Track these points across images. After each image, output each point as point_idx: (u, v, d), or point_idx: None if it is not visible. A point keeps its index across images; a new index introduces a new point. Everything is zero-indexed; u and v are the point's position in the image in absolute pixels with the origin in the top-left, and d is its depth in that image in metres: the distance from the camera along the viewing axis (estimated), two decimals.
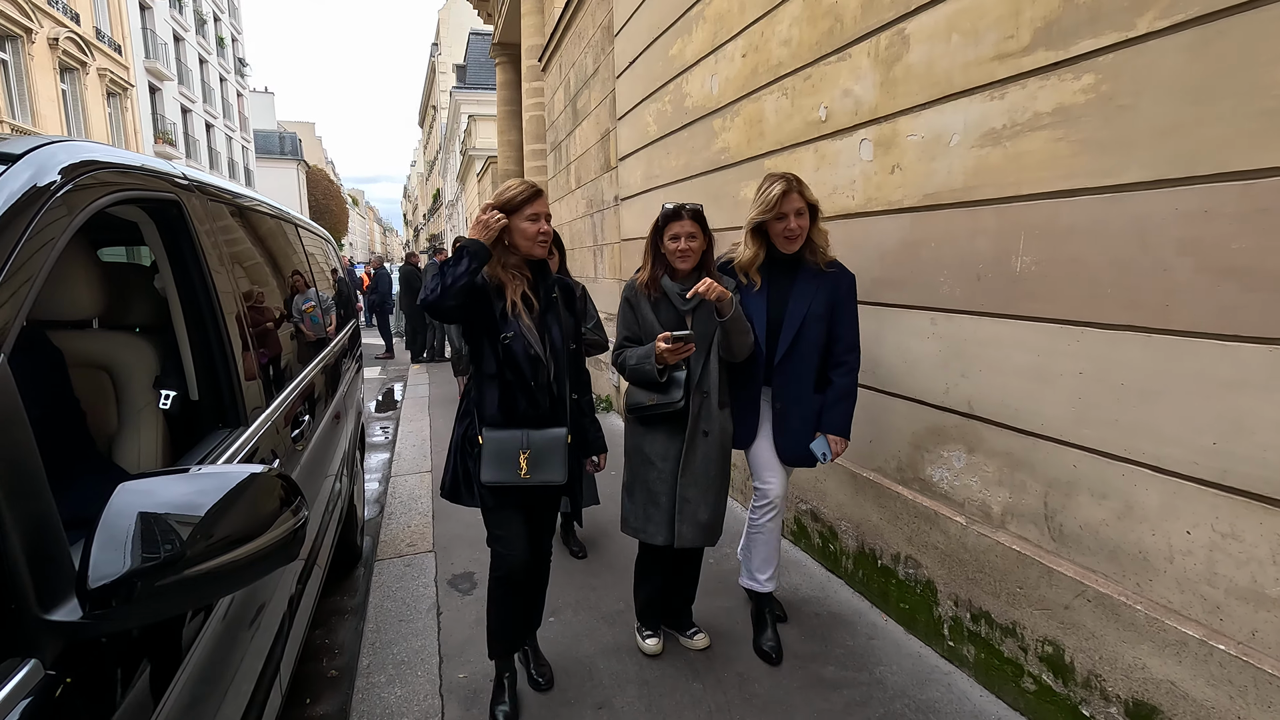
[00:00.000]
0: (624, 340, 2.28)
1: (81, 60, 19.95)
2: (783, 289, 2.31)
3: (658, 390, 2.16)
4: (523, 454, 1.94)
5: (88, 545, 0.82)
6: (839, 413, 2.29)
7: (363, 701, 2.23)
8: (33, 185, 1.01)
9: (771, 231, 2.25)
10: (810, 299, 2.26)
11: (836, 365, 2.31)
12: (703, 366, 2.19)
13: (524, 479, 1.94)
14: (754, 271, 2.31)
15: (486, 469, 1.95)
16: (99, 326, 1.74)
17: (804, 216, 2.21)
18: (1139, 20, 1.62)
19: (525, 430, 1.94)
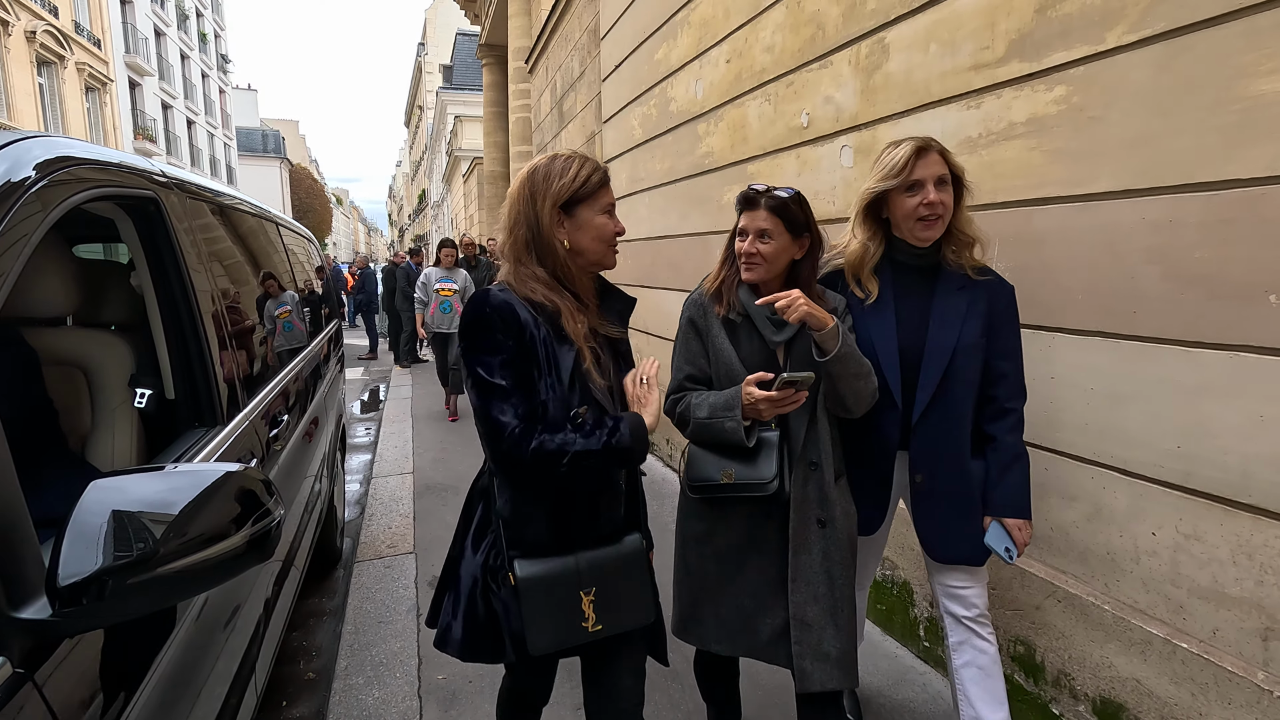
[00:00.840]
0: (686, 380, 1.64)
1: (59, 54, 19.63)
2: (917, 305, 1.63)
3: (738, 458, 1.51)
4: (586, 596, 1.27)
5: (58, 543, 0.81)
6: (1014, 485, 1.60)
7: (340, 704, 2.22)
8: (7, 181, 1.00)
9: (897, 212, 1.60)
10: (960, 320, 1.58)
11: (1000, 415, 1.62)
12: (806, 425, 1.55)
13: (592, 633, 1.28)
14: (868, 276, 1.65)
15: (536, 630, 1.25)
16: (73, 323, 1.73)
17: (947, 189, 1.55)
18: (1108, 34, 1.66)
19: (582, 554, 1.27)
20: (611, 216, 1.33)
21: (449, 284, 6.13)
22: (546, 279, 1.28)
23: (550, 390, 1.24)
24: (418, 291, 6.19)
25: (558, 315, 1.26)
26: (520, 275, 1.28)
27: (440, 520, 3.78)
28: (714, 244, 3.80)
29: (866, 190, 1.60)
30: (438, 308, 6.08)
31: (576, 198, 1.28)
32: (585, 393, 1.26)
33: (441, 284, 6.11)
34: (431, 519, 3.81)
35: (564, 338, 1.26)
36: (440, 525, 3.71)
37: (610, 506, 1.32)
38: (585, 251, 1.30)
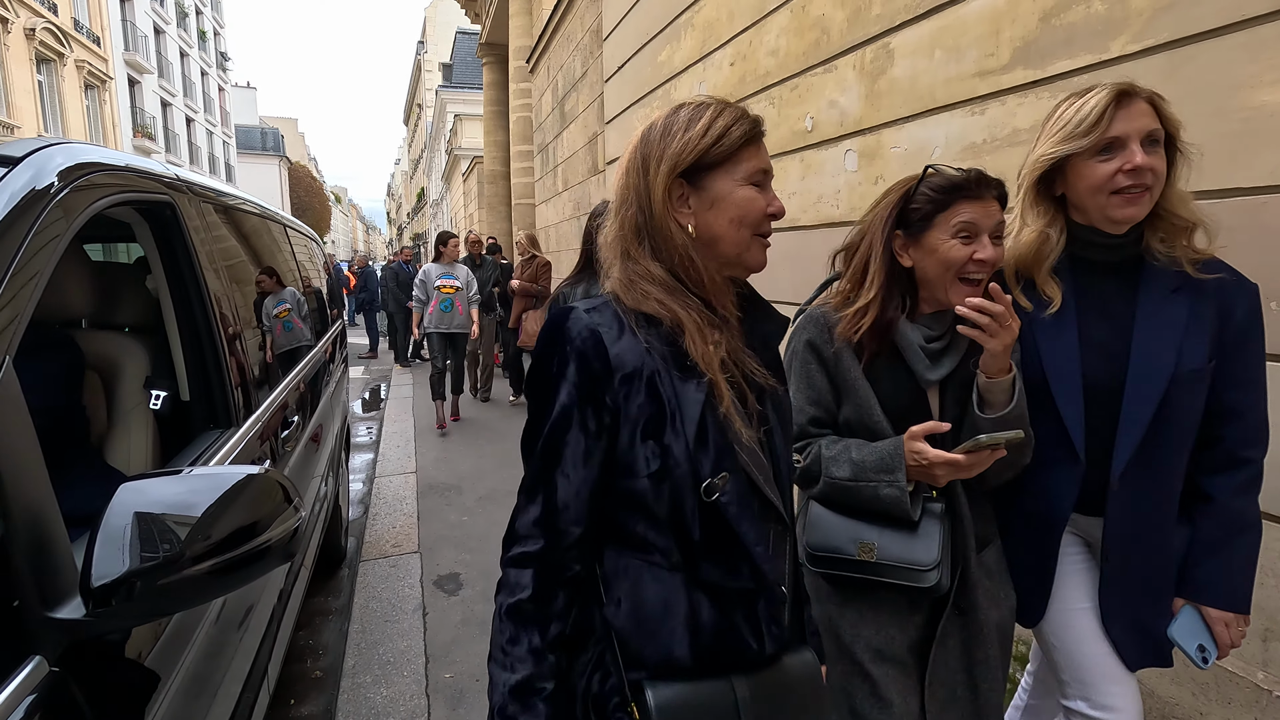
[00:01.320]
0: (810, 425, 1.25)
1: (59, 51, 19.60)
2: (1111, 316, 1.18)
3: (884, 527, 1.15)
4: None
5: (90, 543, 0.83)
6: (1235, 566, 1.17)
7: (349, 702, 2.24)
8: (31, 189, 1.02)
9: (1080, 186, 1.15)
10: (1179, 336, 1.13)
11: (1227, 467, 1.17)
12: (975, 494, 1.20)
13: None
14: (1046, 277, 1.20)
15: None
16: (88, 326, 1.75)
17: (1158, 152, 1.11)
18: (1112, 43, 1.68)
19: (737, 678, 0.86)
20: (763, 190, 0.88)
21: (450, 280, 5.79)
22: (665, 279, 0.87)
23: (664, 456, 0.83)
24: (416, 290, 5.84)
25: (678, 332, 0.85)
26: (630, 275, 0.88)
27: (444, 520, 3.80)
28: None
29: (1039, 158, 1.16)
30: (438, 306, 5.72)
31: (705, 162, 0.86)
32: (724, 451, 0.84)
33: (442, 280, 5.76)
34: (435, 518, 3.83)
35: (688, 367, 0.84)
36: (444, 524, 3.73)
37: (774, 614, 0.88)
38: (719, 240, 0.87)
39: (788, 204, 3.11)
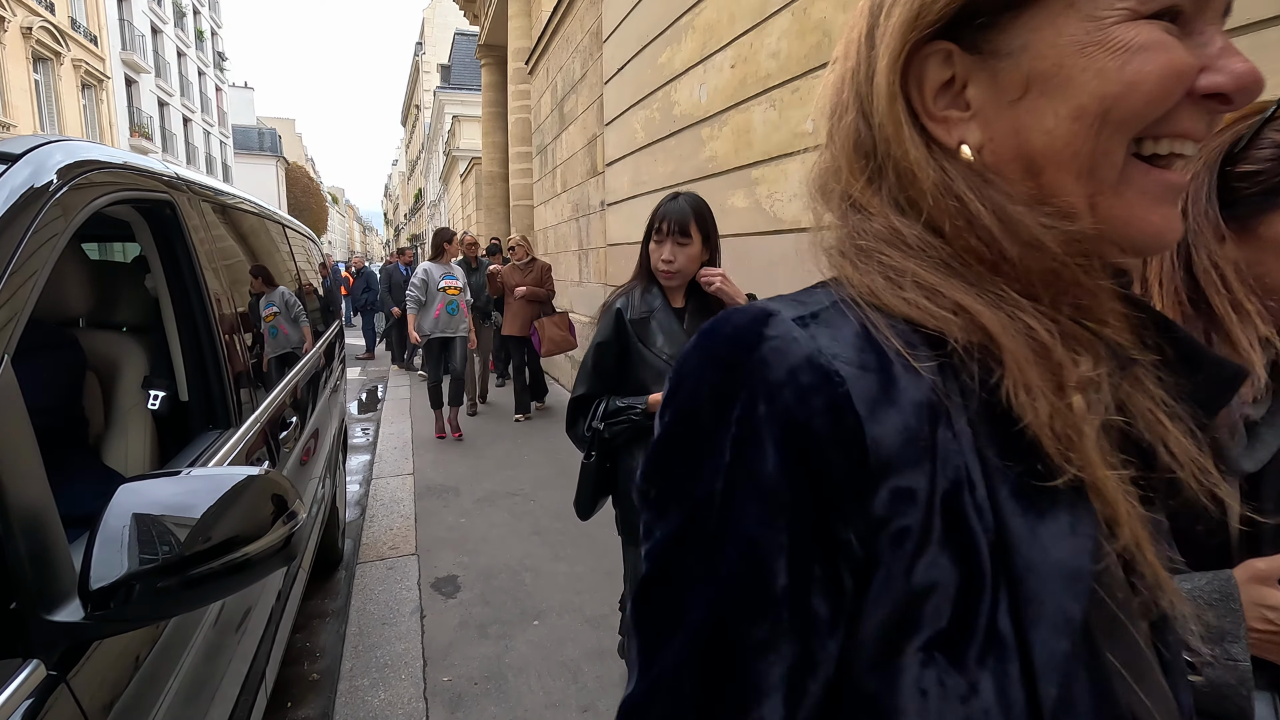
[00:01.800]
0: None
1: (56, 50, 19.54)
2: None
3: None
4: None
5: (89, 545, 0.82)
6: None
7: (346, 705, 2.22)
8: (30, 186, 1.01)
9: None
10: None
11: None
12: None
13: None
14: None
15: None
16: (86, 325, 1.73)
17: None
18: None
19: None
20: (1165, 49, 0.34)
21: (454, 281, 5.30)
22: (939, 250, 0.39)
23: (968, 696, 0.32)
24: (413, 291, 5.25)
25: (987, 362, 0.36)
26: (863, 251, 0.41)
27: (441, 522, 3.79)
28: None
29: None
30: (443, 309, 5.25)
31: None
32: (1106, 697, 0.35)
33: (446, 282, 5.27)
34: (433, 520, 3.81)
35: (1026, 449, 0.35)
36: (442, 527, 3.71)
37: None
38: (1057, 162, 0.37)
39: (789, 208, 3.11)
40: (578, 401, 1.80)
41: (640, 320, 1.73)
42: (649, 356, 1.71)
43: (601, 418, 1.72)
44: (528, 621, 2.70)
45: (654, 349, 1.70)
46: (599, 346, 1.76)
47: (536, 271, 5.90)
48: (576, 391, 1.79)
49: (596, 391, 1.77)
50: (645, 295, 1.76)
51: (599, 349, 1.76)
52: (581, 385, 1.78)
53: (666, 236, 1.72)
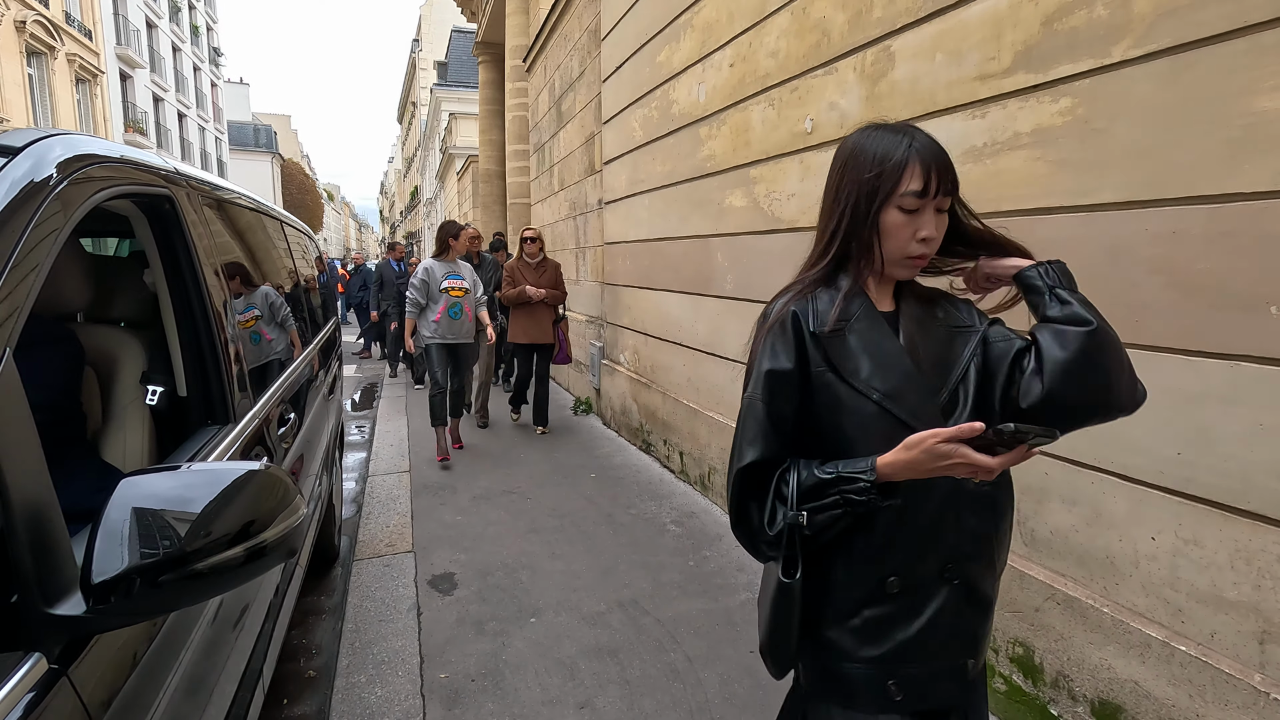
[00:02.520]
0: None
1: (50, 45, 19.41)
2: None
3: None
4: None
5: (91, 539, 0.82)
6: None
7: (343, 701, 2.22)
8: (30, 180, 1.00)
9: None
10: None
11: None
12: None
13: None
14: None
15: None
16: (84, 320, 1.73)
17: None
18: (1114, 48, 1.69)
19: None
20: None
21: (458, 281, 4.77)
22: None
23: None
24: (412, 292, 4.74)
25: None
26: None
27: (439, 520, 3.78)
28: (714, 246, 3.82)
29: None
30: (445, 312, 4.71)
31: None
32: None
33: (450, 281, 4.75)
34: (429, 518, 3.81)
35: None
36: (439, 524, 3.71)
37: None
38: None
39: (787, 206, 3.11)
40: (751, 474, 1.02)
41: (833, 336, 1.02)
42: (849, 395, 1.00)
43: (798, 500, 0.98)
44: (525, 619, 2.70)
45: (858, 381, 1.00)
46: (770, 380, 1.03)
47: (551, 271, 5.46)
48: (746, 458, 1.02)
49: (778, 455, 1.02)
50: (837, 296, 1.04)
51: (770, 384, 1.02)
52: (753, 446, 1.02)
53: (930, 197, 0.97)
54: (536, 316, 5.39)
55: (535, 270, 5.41)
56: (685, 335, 4.25)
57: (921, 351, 1.03)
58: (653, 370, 4.86)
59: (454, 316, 4.74)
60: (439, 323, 4.71)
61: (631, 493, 4.17)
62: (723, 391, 3.82)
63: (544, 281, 5.37)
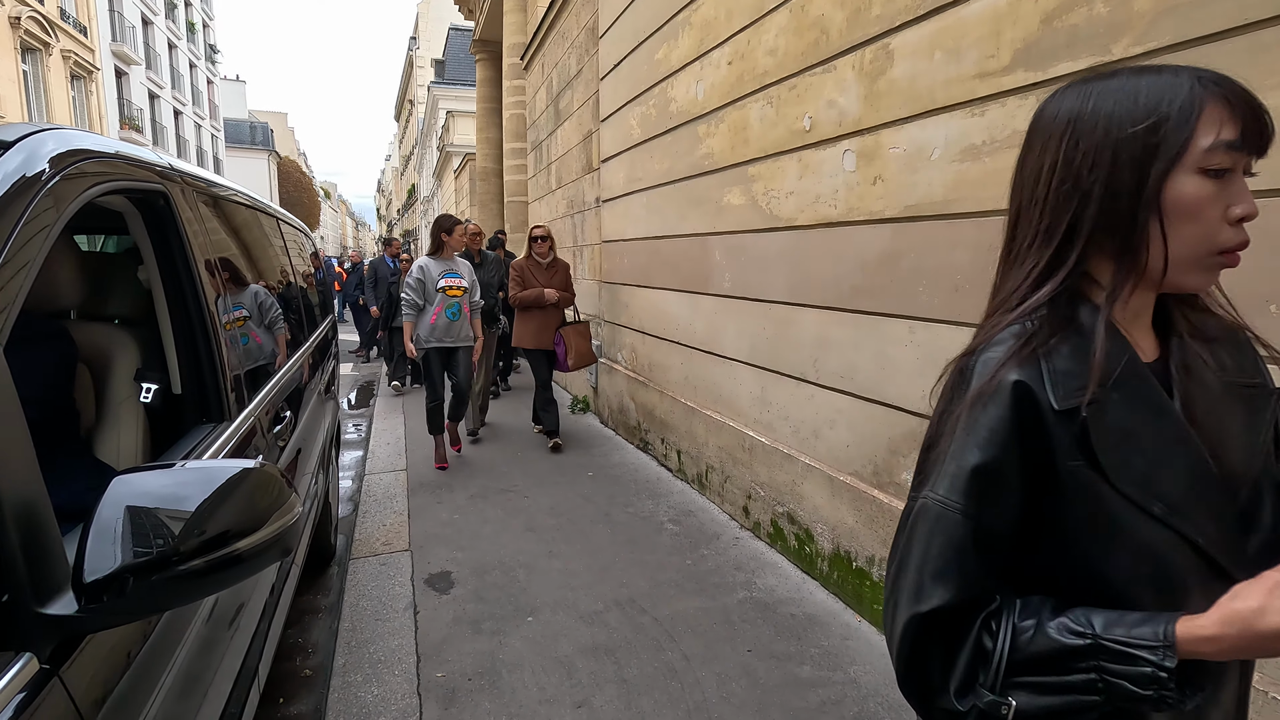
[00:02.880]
0: None
1: (44, 41, 19.31)
2: None
3: None
4: None
5: (83, 538, 0.81)
6: None
7: (339, 700, 2.21)
8: (22, 175, 0.99)
9: None
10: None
11: None
12: None
13: None
14: None
15: None
16: (77, 317, 1.71)
17: None
18: (1114, 46, 1.69)
19: None
20: None
21: (456, 280, 4.48)
22: None
23: None
24: (408, 293, 4.44)
25: None
26: None
27: (435, 518, 3.77)
28: (712, 245, 3.81)
29: None
30: (442, 313, 4.42)
31: None
32: None
33: (447, 280, 4.45)
34: (426, 516, 3.80)
35: None
36: (435, 523, 3.70)
37: None
38: None
39: (785, 204, 3.11)
40: (927, 625, 0.65)
41: (1097, 414, 0.64)
42: (1124, 509, 0.63)
43: (1009, 669, 0.62)
44: (522, 618, 2.69)
45: (1140, 491, 0.63)
46: (980, 481, 0.65)
47: (562, 272, 5.12)
48: (932, 600, 0.65)
49: (974, 597, 0.65)
50: (1088, 343, 0.66)
51: (981, 487, 0.65)
52: (942, 583, 0.65)
53: (1247, 152, 0.65)
54: (549, 320, 5.04)
55: (546, 271, 5.06)
56: (683, 334, 4.24)
57: (1206, 428, 0.66)
58: (650, 369, 4.85)
59: (451, 318, 4.45)
60: (435, 325, 4.42)
61: (629, 491, 4.16)
62: (720, 390, 3.82)
63: (555, 283, 5.04)
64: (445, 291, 4.44)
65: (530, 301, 4.94)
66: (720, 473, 3.78)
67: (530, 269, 5.04)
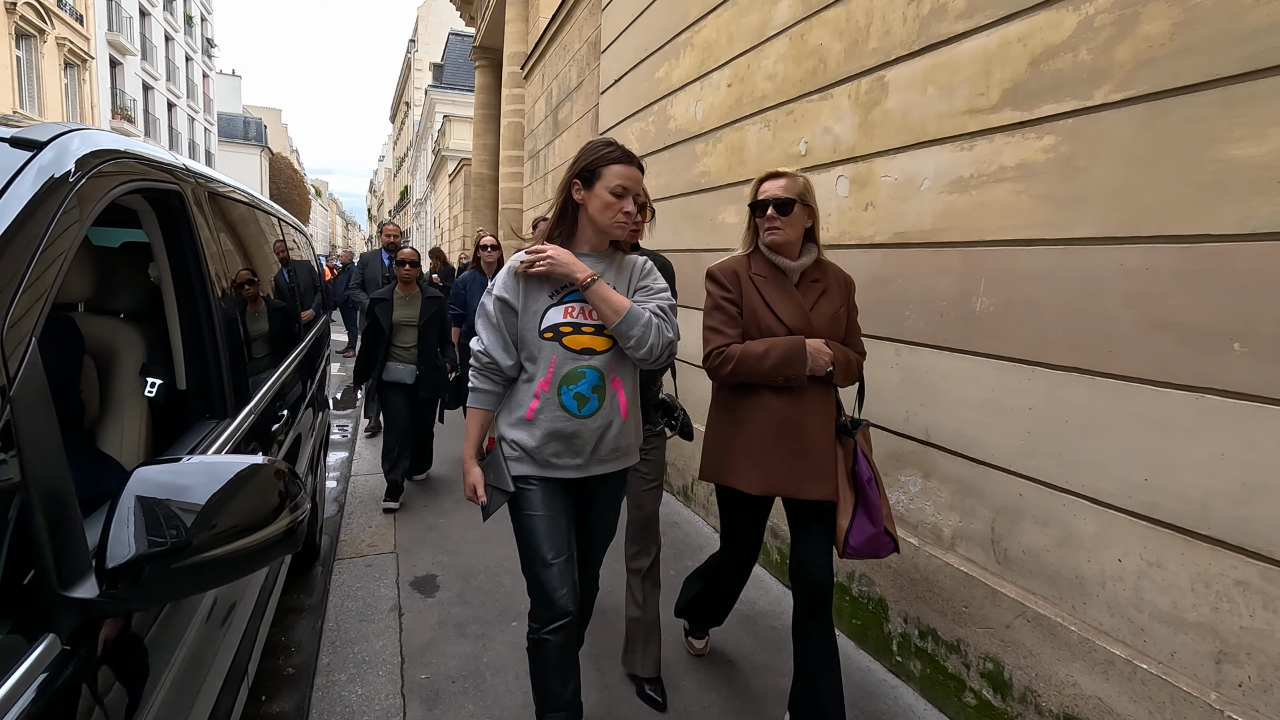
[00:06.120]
0: None
1: (39, 27, 19.16)
2: None
3: None
4: None
5: (106, 525, 0.85)
6: None
7: (323, 700, 2.22)
8: (51, 176, 1.03)
9: None
10: None
11: None
12: None
13: None
14: None
15: None
16: (85, 310, 1.74)
17: None
18: (1096, 91, 1.78)
19: None
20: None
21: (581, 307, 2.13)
22: None
23: None
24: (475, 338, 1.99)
25: None
26: None
27: (421, 521, 3.79)
28: (706, 260, 3.88)
29: None
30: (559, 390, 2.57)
31: None
32: None
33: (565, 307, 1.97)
34: (412, 519, 3.81)
35: None
36: (421, 526, 3.71)
37: None
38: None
39: None
40: None
41: None
42: None
43: None
44: (506, 622, 2.72)
45: None
46: None
47: (834, 289, 3.67)
48: None
49: None
50: None
51: None
52: None
53: None
54: (808, 417, 4.02)
55: (799, 291, 4.05)
56: None
57: None
58: None
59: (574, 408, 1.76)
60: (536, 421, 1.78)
61: None
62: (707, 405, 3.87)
63: (822, 322, 4.14)
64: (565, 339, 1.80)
65: (776, 368, 1.92)
66: (707, 487, 3.83)
67: (758, 284, 2.01)
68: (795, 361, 1.87)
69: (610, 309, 1.65)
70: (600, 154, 1.70)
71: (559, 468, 1.77)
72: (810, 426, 1.92)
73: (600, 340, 1.70)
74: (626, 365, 1.76)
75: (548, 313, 1.69)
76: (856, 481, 1.94)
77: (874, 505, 1.92)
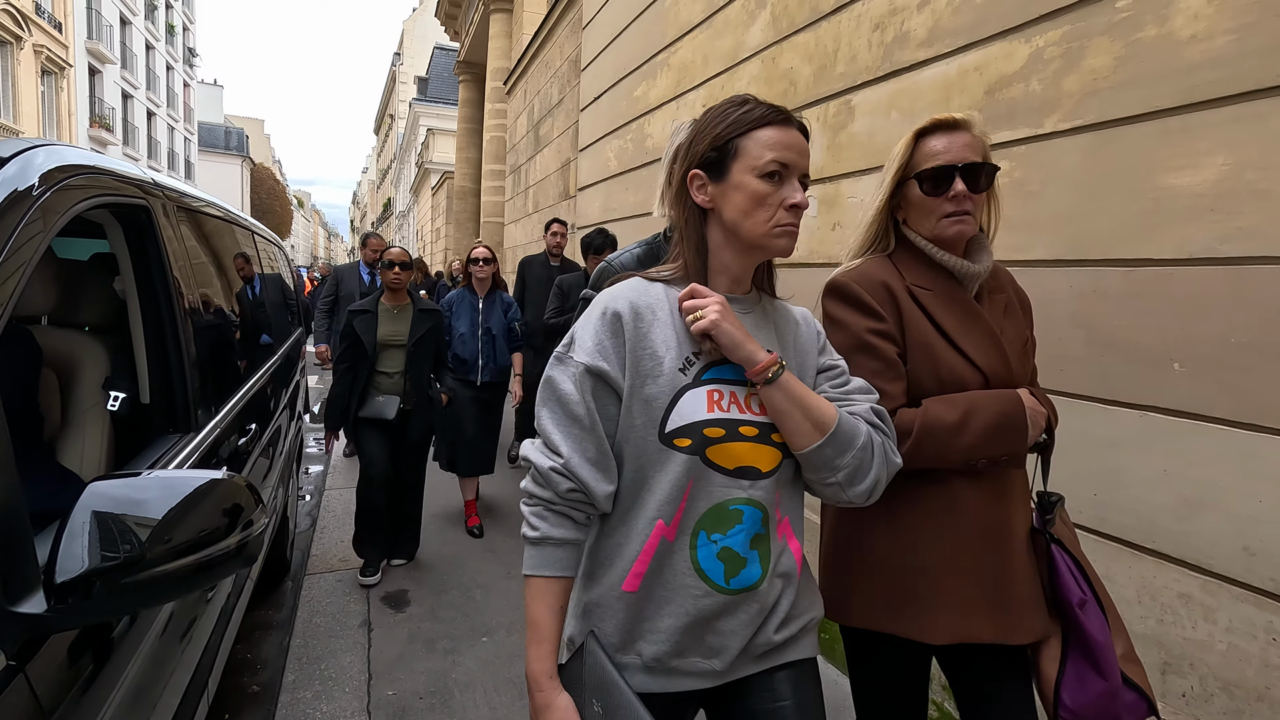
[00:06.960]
0: None
1: (16, 34, 18.96)
2: None
3: None
4: None
5: (56, 540, 0.85)
6: None
7: (287, 717, 2.20)
8: (13, 190, 1.04)
9: None
10: None
11: None
12: None
13: None
14: None
15: None
16: (48, 324, 1.73)
17: None
18: (1046, 120, 1.85)
19: None
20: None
21: None
22: None
23: None
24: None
25: None
26: None
27: None
28: None
29: None
30: None
31: None
32: None
33: None
34: None
35: None
36: None
37: None
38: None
39: None
40: None
41: None
42: None
43: None
44: (477, 637, 2.71)
45: None
46: None
47: (1015, 317, 2.75)
48: None
49: None
50: None
51: None
52: None
53: None
54: (1006, 512, 3.43)
55: (991, 316, 3.39)
56: None
57: None
58: None
59: None
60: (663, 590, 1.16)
61: None
62: None
63: (1021, 370, 4.08)
64: None
65: (981, 445, 1.17)
66: None
67: (924, 302, 1.26)
68: (1014, 432, 1.16)
69: (810, 419, 0.95)
70: (733, 117, 1.00)
71: (683, 675, 1.01)
72: (1018, 532, 1.23)
73: (765, 453, 0.97)
74: (796, 495, 1.06)
75: (681, 399, 0.95)
76: (1061, 604, 1.21)
77: (1096, 642, 1.17)
